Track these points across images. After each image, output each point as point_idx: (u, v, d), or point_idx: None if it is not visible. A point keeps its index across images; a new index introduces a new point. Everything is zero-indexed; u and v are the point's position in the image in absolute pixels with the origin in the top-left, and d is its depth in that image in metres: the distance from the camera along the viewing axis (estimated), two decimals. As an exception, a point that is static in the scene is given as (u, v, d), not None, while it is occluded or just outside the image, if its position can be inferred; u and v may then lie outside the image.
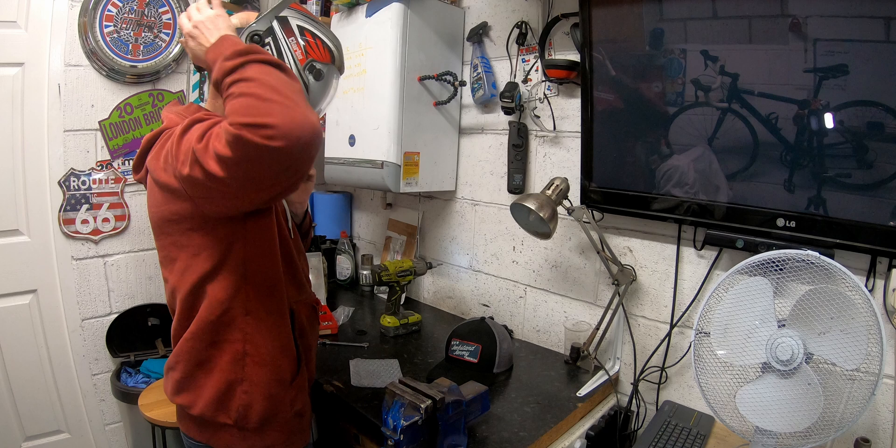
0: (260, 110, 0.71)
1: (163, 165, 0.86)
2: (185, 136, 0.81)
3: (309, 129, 0.72)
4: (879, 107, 0.93)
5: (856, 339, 0.84)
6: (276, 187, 0.79)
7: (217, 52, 0.82)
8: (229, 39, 0.85)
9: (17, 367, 1.72)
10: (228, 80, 0.77)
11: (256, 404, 0.94)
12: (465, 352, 1.37)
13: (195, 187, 0.80)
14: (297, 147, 0.71)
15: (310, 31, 0.98)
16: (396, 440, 0.93)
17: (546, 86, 1.51)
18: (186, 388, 0.95)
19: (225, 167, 0.72)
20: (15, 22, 1.63)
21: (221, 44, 0.84)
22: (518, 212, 1.32)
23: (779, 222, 1.07)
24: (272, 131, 0.69)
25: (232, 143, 0.70)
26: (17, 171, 1.69)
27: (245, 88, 0.74)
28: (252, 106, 0.71)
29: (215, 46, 0.85)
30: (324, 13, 1.96)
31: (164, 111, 0.98)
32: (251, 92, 0.73)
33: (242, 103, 0.72)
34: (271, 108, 0.71)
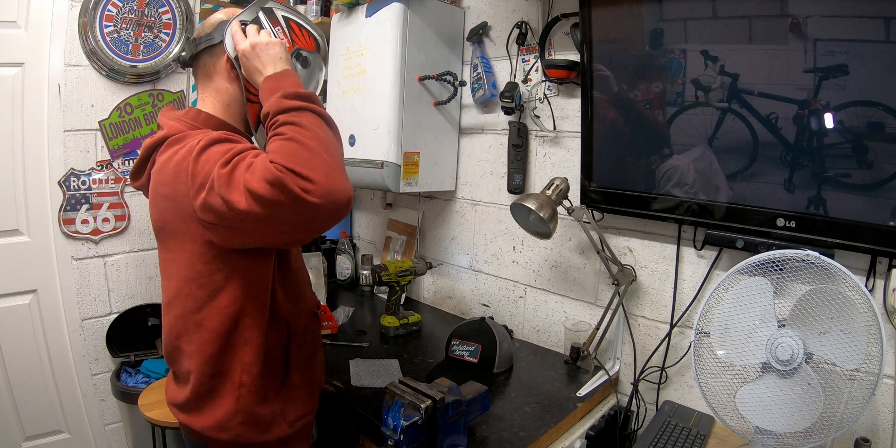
0: (306, 162, 0.72)
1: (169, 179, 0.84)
2: (202, 158, 0.79)
3: (345, 195, 0.75)
4: (879, 107, 0.93)
5: (856, 339, 0.84)
6: (291, 236, 0.81)
7: (277, 85, 0.84)
8: (293, 77, 0.87)
9: (17, 367, 1.72)
10: (282, 118, 0.78)
11: (251, 430, 0.94)
12: (465, 352, 1.37)
13: (209, 213, 0.78)
14: (330, 208, 0.73)
15: (294, 20, 0.99)
16: (396, 440, 0.93)
17: (546, 86, 1.51)
18: (189, 411, 0.96)
19: (251, 201, 0.72)
20: (15, 22, 1.63)
21: (284, 78, 0.86)
22: (518, 212, 1.32)
23: (779, 222, 1.07)
24: (312, 187, 0.71)
25: (270, 183, 0.70)
26: (17, 171, 1.69)
27: (297, 134, 0.76)
28: (300, 154, 0.73)
29: (277, 78, 0.86)
30: (324, 13, 1.96)
31: (161, 116, 0.95)
32: (302, 140, 0.75)
33: (292, 149, 0.73)
34: (317, 163, 0.73)
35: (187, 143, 0.84)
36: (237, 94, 0.97)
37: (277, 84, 0.84)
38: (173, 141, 0.88)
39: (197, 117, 0.93)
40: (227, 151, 0.78)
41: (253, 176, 0.72)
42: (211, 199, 0.76)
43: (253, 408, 0.94)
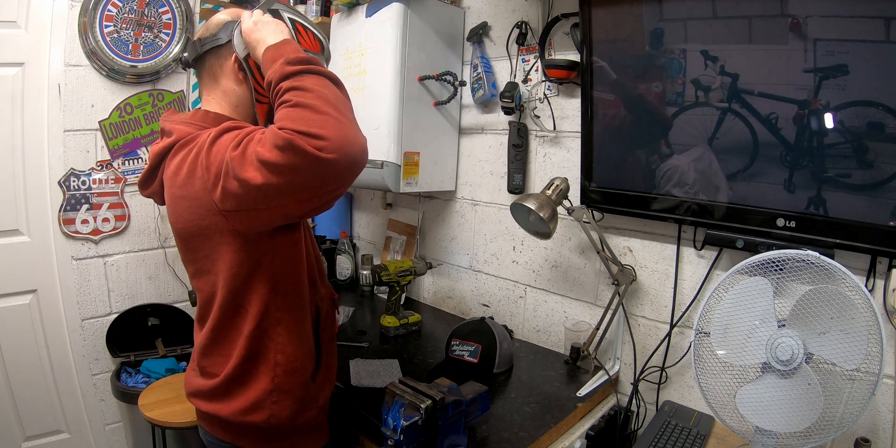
0: (315, 122, 0.71)
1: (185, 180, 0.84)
2: (214, 148, 0.79)
3: (359, 146, 0.75)
4: (879, 107, 0.93)
5: (856, 339, 0.84)
6: (315, 201, 0.78)
7: (277, 54, 0.82)
8: (292, 44, 0.85)
9: (17, 367, 1.72)
10: (285, 84, 0.77)
11: (285, 410, 0.95)
12: (465, 352, 1.37)
13: (228, 200, 0.78)
14: (346, 162, 0.73)
15: (300, 22, 0.99)
16: (396, 440, 0.93)
17: (546, 86, 1.51)
18: (217, 398, 0.95)
19: (266, 173, 0.71)
20: (15, 22, 1.63)
21: (284, 47, 0.84)
22: (518, 212, 1.32)
23: (779, 222, 1.07)
24: (324, 143, 0.70)
25: (281, 148, 0.70)
26: (17, 171, 1.69)
27: (301, 98, 0.75)
28: (307, 117, 0.72)
29: (277, 47, 0.84)
30: (324, 13, 1.95)
31: (166, 122, 0.94)
32: (307, 102, 0.74)
33: (298, 113, 0.73)
34: (326, 120, 0.72)
35: (198, 141, 0.84)
36: (245, 95, 0.96)
37: (278, 52, 0.83)
38: (184, 143, 0.88)
39: (205, 118, 0.92)
40: (236, 136, 0.78)
41: (264, 147, 0.71)
42: (228, 185, 0.75)
43: (288, 387, 0.95)
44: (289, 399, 0.95)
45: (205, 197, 0.81)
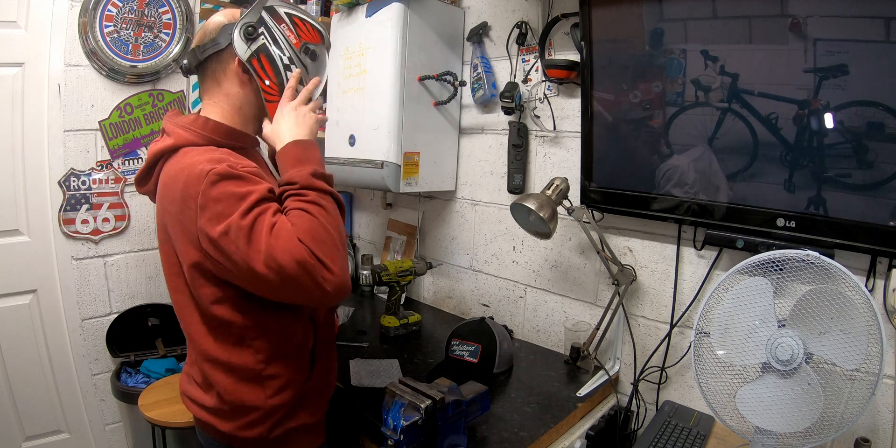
0: (331, 252, 0.79)
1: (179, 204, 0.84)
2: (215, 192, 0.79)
3: (349, 286, 0.82)
4: (879, 107, 0.93)
5: (856, 339, 0.84)
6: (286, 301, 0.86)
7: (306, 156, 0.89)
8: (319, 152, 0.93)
9: (17, 367, 1.72)
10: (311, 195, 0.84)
11: (278, 423, 0.96)
12: (465, 352, 1.37)
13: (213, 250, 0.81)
14: (337, 297, 0.81)
15: (297, 15, 0.99)
16: (396, 440, 0.93)
17: (546, 86, 1.51)
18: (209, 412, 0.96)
19: (270, 270, 0.77)
20: (15, 22, 1.63)
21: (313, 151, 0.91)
22: (518, 212, 1.32)
23: (779, 222, 1.07)
24: (331, 277, 0.79)
25: (298, 263, 0.76)
26: (17, 171, 1.69)
27: (324, 219, 0.82)
28: (326, 242, 0.80)
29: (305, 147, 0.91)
30: (324, 13, 1.95)
31: (168, 123, 0.94)
32: (328, 227, 0.81)
33: (320, 234, 0.80)
34: (338, 256, 0.80)
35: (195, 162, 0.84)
36: (250, 96, 0.97)
37: (306, 155, 0.90)
38: (183, 152, 0.89)
39: (205, 126, 0.93)
40: (245, 195, 0.80)
41: (278, 244, 0.76)
42: (223, 243, 0.78)
43: (280, 403, 0.95)
44: (280, 413, 0.96)
45: (192, 228, 0.82)
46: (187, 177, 0.83)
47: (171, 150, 0.91)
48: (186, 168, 0.84)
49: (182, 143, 0.90)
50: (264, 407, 0.94)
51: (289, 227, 0.78)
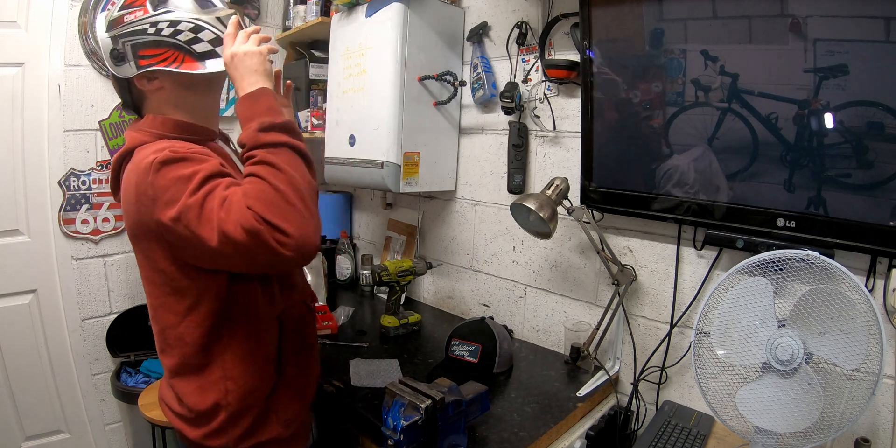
0: (282, 212, 0.73)
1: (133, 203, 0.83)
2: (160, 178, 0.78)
3: (314, 245, 0.77)
4: (879, 107, 0.93)
5: (856, 339, 0.84)
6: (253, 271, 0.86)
7: (251, 111, 0.83)
8: (266, 98, 0.85)
9: (17, 367, 1.72)
10: (259, 154, 0.79)
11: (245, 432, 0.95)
12: (465, 352, 1.37)
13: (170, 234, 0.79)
14: (299, 258, 0.76)
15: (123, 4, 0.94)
16: (396, 440, 0.93)
17: (546, 86, 1.51)
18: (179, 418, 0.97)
19: (222, 243, 0.74)
20: (15, 22, 1.63)
21: (258, 102, 0.84)
22: (518, 212, 1.32)
23: (779, 222, 1.07)
24: (287, 239, 0.73)
25: (247, 231, 0.72)
26: (17, 171, 1.69)
27: (273, 178, 0.76)
28: (276, 203, 0.74)
29: (251, 101, 0.84)
30: (324, 13, 1.96)
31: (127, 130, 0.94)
32: (278, 185, 0.75)
33: (269, 196, 0.74)
34: (292, 214, 0.74)
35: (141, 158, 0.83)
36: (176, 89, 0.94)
37: (252, 109, 0.83)
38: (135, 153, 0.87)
39: (153, 123, 0.92)
40: (192, 175, 0.77)
41: (229, 216, 0.73)
42: (178, 228, 0.76)
43: (243, 409, 0.94)
44: (247, 420, 0.94)
45: (149, 222, 0.81)
46: (136, 174, 0.82)
47: (126, 155, 0.90)
48: (135, 166, 0.83)
49: (134, 145, 0.89)
50: (223, 413, 0.93)
51: (239, 198, 0.74)
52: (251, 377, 0.94)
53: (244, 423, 0.94)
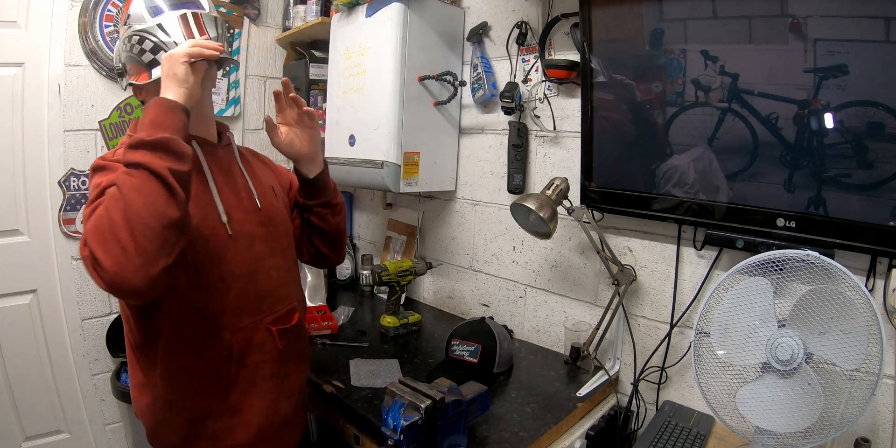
0: (104, 242, 0.70)
1: None
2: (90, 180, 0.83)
3: (133, 282, 0.70)
4: (879, 107, 0.93)
5: (856, 339, 0.84)
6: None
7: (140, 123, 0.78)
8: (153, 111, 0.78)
9: (17, 367, 1.72)
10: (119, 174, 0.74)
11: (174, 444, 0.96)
12: (465, 352, 1.37)
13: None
14: (119, 293, 0.73)
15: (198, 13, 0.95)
16: (396, 440, 0.93)
17: (546, 86, 1.51)
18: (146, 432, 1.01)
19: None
20: (15, 22, 1.63)
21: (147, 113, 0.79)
22: (518, 212, 1.32)
23: (779, 222, 1.07)
24: (101, 272, 0.70)
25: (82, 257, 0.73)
26: (17, 171, 1.69)
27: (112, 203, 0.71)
28: (102, 232, 0.70)
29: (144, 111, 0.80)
30: (324, 13, 1.95)
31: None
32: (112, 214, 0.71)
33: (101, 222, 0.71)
34: (114, 246, 0.69)
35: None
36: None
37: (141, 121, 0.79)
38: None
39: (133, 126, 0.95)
40: (98, 185, 0.78)
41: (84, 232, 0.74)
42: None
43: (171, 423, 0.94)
44: (175, 434, 0.94)
45: None
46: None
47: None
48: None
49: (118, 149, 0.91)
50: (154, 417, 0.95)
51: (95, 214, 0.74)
52: (179, 392, 0.93)
53: (172, 436, 0.94)
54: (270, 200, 1.07)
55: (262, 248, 1.01)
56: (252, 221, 1.00)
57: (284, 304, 1.04)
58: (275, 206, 1.07)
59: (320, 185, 1.10)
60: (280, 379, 1.03)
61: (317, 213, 1.12)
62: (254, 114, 2.22)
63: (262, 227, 1.02)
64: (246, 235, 0.98)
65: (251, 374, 0.97)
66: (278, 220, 1.07)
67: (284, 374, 1.04)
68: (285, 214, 1.11)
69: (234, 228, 0.96)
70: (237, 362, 0.95)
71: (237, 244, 0.96)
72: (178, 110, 0.79)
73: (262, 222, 1.02)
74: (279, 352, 1.01)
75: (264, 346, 0.99)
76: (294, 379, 1.08)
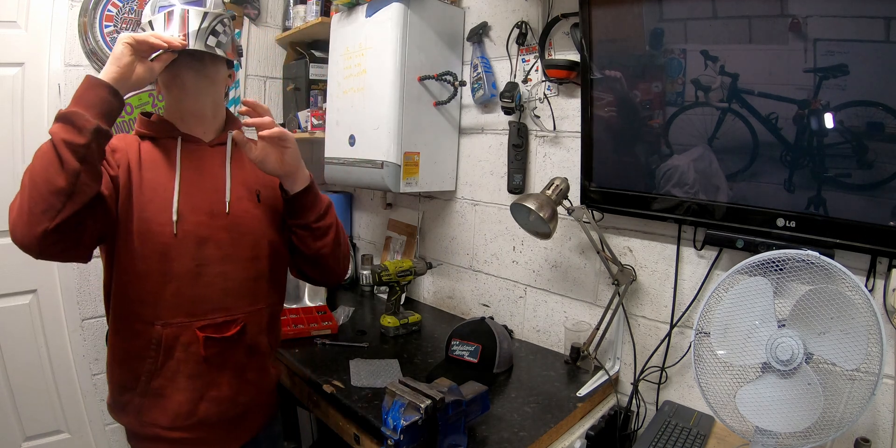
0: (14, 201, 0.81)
1: None
2: None
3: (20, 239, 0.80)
4: (879, 107, 0.93)
5: (856, 339, 0.84)
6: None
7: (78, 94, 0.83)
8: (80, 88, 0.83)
9: (17, 367, 1.72)
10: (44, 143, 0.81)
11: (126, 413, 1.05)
12: (465, 352, 1.37)
13: None
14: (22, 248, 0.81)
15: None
16: (396, 440, 0.93)
17: (546, 86, 1.51)
18: None
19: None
20: (15, 22, 1.63)
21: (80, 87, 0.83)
22: (518, 212, 1.32)
23: (779, 222, 1.07)
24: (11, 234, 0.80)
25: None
26: (17, 171, 1.68)
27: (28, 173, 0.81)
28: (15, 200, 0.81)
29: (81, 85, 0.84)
30: (324, 13, 1.96)
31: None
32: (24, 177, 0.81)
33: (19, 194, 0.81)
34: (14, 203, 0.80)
35: None
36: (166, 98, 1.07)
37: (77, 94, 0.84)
38: None
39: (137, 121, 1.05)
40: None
41: None
42: None
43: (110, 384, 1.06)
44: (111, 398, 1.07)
45: None
46: None
47: None
48: None
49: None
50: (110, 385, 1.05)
51: None
52: (115, 357, 1.03)
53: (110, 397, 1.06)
54: (246, 206, 1.03)
55: (213, 253, 0.99)
56: (211, 225, 0.98)
57: (222, 314, 1.01)
58: (249, 213, 1.03)
59: (298, 205, 1.02)
60: (204, 383, 1.01)
61: (296, 234, 1.05)
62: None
63: (224, 232, 0.99)
64: (196, 237, 0.97)
65: (175, 367, 0.98)
66: (248, 227, 1.03)
67: (210, 381, 1.01)
68: (262, 223, 1.05)
69: (184, 229, 0.96)
70: (164, 353, 0.97)
71: (181, 245, 0.96)
72: (98, 87, 0.82)
73: (226, 227, 1.00)
74: (202, 357, 0.99)
75: (189, 347, 0.98)
76: (225, 389, 1.03)
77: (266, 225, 1.05)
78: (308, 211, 1.03)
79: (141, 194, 0.94)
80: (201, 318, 0.99)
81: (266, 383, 1.13)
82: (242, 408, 1.07)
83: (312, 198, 1.03)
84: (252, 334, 1.05)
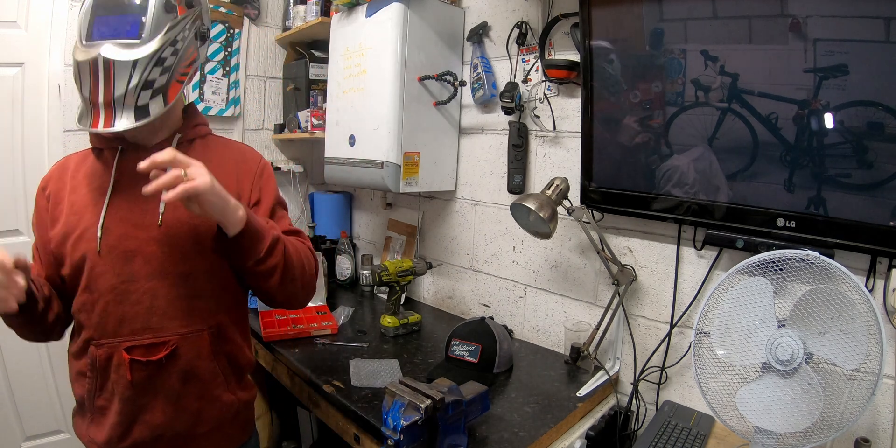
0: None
1: None
2: None
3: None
4: (879, 107, 0.93)
5: (856, 339, 0.84)
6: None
7: None
8: None
9: (17, 367, 1.72)
10: None
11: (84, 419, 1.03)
12: (465, 352, 1.37)
13: None
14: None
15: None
16: (396, 440, 0.92)
17: (546, 86, 1.51)
18: None
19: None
20: (15, 22, 1.63)
21: None
22: (518, 212, 1.32)
23: (779, 222, 1.07)
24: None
25: None
26: (17, 171, 1.69)
27: None
28: None
29: None
30: (324, 13, 1.96)
31: None
32: None
33: None
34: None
35: None
36: None
37: None
38: None
39: None
40: None
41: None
42: None
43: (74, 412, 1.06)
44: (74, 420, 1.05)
45: None
46: None
47: None
48: None
49: None
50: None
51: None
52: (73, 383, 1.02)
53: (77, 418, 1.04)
54: (182, 217, 0.93)
55: (141, 269, 0.91)
56: (140, 238, 0.92)
57: (149, 335, 0.92)
58: (186, 225, 0.93)
59: (231, 250, 0.89)
60: (137, 406, 0.94)
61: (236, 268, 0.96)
62: (254, 114, 2.22)
63: (155, 246, 0.92)
64: (121, 252, 0.91)
65: (111, 388, 0.94)
66: (185, 241, 0.93)
67: (143, 404, 0.94)
68: (201, 235, 0.93)
69: (109, 243, 0.90)
70: (101, 374, 0.94)
71: (105, 260, 0.90)
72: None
73: (158, 240, 0.92)
74: (129, 381, 0.92)
75: (119, 368, 0.93)
76: (159, 415, 0.94)
77: (207, 238, 0.91)
78: (244, 255, 0.90)
79: (70, 215, 0.93)
80: (128, 338, 0.92)
81: (213, 413, 1.00)
82: (184, 437, 0.98)
83: (248, 242, 0.88)
84: (188, 359, 0.95)
